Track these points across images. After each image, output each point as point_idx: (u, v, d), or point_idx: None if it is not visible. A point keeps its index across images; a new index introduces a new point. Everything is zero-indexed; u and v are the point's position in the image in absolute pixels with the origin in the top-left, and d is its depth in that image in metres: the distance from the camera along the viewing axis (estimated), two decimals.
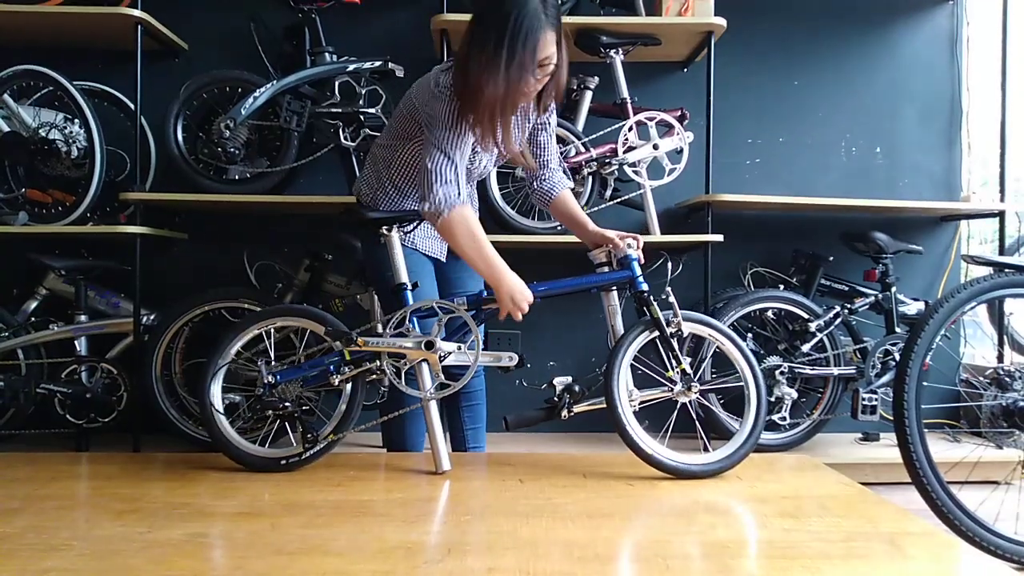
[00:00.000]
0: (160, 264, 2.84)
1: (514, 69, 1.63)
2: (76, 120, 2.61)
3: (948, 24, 3.06)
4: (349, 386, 1.83)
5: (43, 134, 2.59)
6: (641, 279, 1.87)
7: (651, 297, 1.85)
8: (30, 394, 2.52)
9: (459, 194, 1.75)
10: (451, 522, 1.44)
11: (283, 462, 1.81)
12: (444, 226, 1.75)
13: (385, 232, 1.86)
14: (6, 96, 2.60)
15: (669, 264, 1.90)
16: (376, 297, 2.35)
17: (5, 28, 2.65)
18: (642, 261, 1.90)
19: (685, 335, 1.86)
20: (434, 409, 1.82)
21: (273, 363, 1.85)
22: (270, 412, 1.81)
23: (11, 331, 2.56)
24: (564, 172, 2.12)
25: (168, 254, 2.89)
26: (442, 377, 1.79)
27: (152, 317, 2.62)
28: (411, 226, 1.92)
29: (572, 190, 2.11)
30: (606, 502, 1.58)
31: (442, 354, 1.77)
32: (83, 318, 2.60)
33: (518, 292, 1.78)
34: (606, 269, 1.93)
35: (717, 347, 1.90)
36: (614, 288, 1.91)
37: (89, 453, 2.50)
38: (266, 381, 1.81)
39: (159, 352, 2.56)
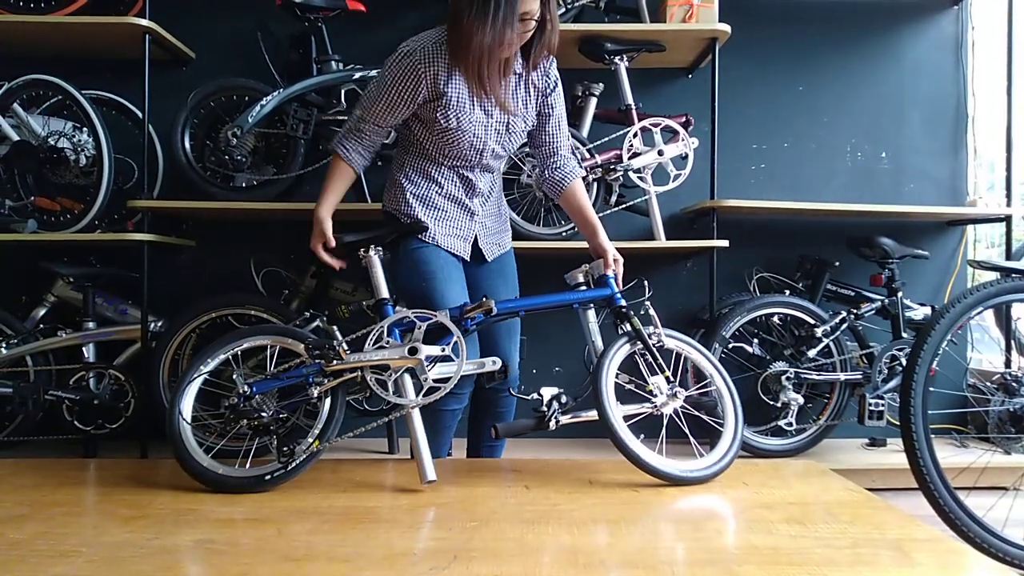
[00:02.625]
0: (167, 271, 2.86)
1: (499, 20, 1.75)
2: (85, 129, 2.63)
3: (953, 29, 3.06)
4: (329, 397, 1.80)
5: (52, 143, 2.61)
6: (619, 296, 1.92)
7: (630, 312, 1.88)
8: (39, 400, 2.53)
9: (348, 147, 1.96)
10: (457, 528, 1.45)
11: (267, 477, 1.72)
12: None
13: (362, 254, 1.90)
14: (16, 105, 2.62)
15: (646, 283, 1.97)
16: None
17: (14, 38, 2.68)
18: (620, 281, 1.95)
19: (665, 346, 1.89)
20: (417, 418, 1.81)
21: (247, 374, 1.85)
22: (243, 422, 1.75)
23: (20, 338, 2.58)
24: (577, 162, 2.11)
25: (175, 261, 2.91)
26: (430, 381, 1.76)
27: (159, 324, 2.64)
28: (383, 247, 1.93)
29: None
30: (612, 508, 1.58)
31: (426, 358, 1.77)
32: (91, 325, 2.61)
33: (315, 227, 1.92)
34: (583, 288, 1.96)
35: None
36: (592, 306, 1.94)
37: (97, 459, 2.52)
38: (241, 391, 1.76)
39: (166, 359, 2.57)
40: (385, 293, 1.88)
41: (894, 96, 3.06)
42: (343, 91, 2.64)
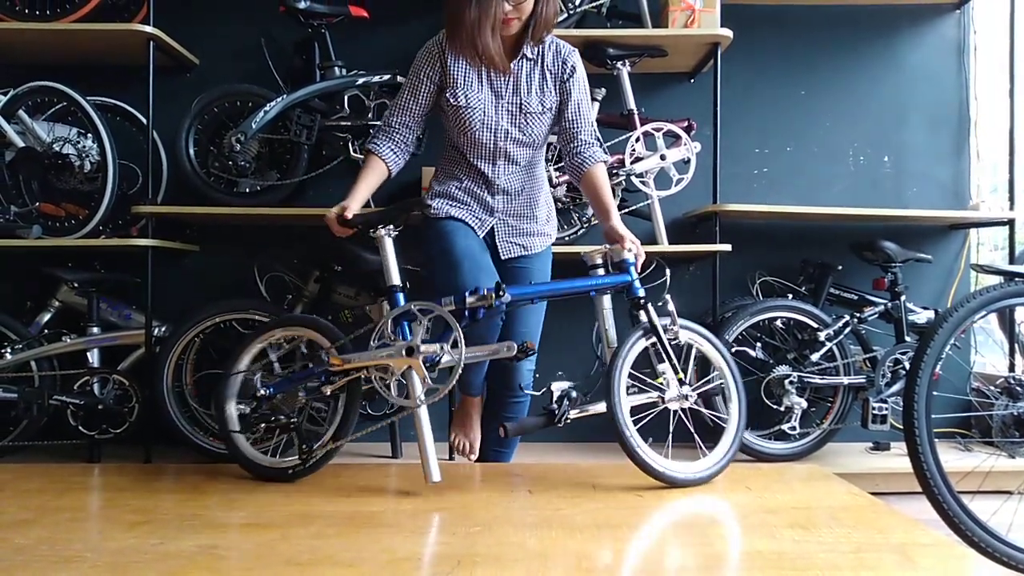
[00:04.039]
0: (171, 276, 2.87)
1: None
2: (89, 135, 2.64)
3: (955, 32, 3.06)
4: (344, 394, 1.83)
5: (57, 149, 2.62)
6: (638, 284, 1.86)
7: (648, 303, 1.84)
8: (43, 405, 2.54)
9: (378, 142, 2.03)
10: (460, 533, 1.45)
11: (290, 471, 1.83)
12: None
13: (372, 234, 1.89)
14: (21, 112, 2.63)
15: (667, 270, 1.91)
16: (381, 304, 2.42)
17: (20, 45, 2.69)
18: (639, 267, 1.89)
19: (682, 343, 1.86)
20: (424, 416, 1.79)
21: (262, 375, 1.87)
22: (264, 425, 1.83)
23: (25, 343, 2.59)
24: (601, 147, 2.10)
25: (179, 266, 2.92)
26: (429, 382, 1.76)
27: (163, 329, 2.64)
28: (397, 227, 1.92)
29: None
30: (615, 513, 1.58)
31: (429, 357, 1.74)
32: (95, 330, 2.62)
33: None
34: (600, 272, 1.92)
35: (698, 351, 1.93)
36: (609, 291, 1.91)
37: (101, 464, 2.52)
38: (259, 394, 1.82)
39: (170, 363, 2.58)
40: (396, 279, 1.85)
41: (896, 100, 3.06)
42: (346, 97, 2.65)
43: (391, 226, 1.90)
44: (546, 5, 1.92)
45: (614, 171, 2.61)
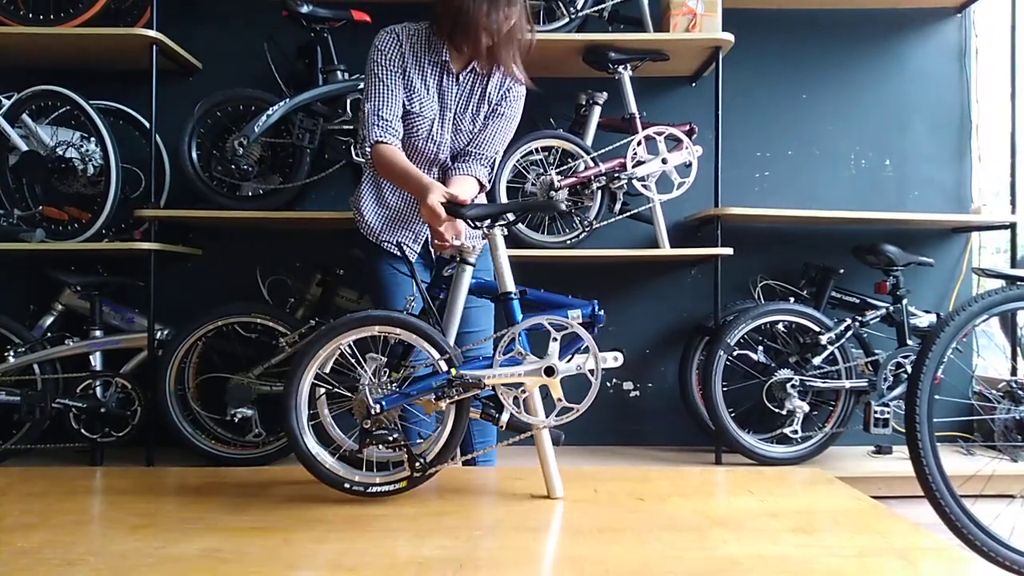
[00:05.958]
0: (174, 280, 2.87)
1: None
2: (92, 139, 2.65)
3: (956, 36, 3.07)
4: (454, 409, 1.64)
5: (60, 152, 2.63)
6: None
7: None
8: (46, 409, 2.55)
9: (382, 136, 1.87)
10: (462, 537, 1.45)
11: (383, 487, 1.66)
12: (373, 160, 1.90)
13: (484, 229, 1.67)
14: (25, 115, 2.64)
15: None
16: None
17: (23, 49, 2.70)
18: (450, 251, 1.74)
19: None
20: (546, 436, 1.70)
21: (377, 386, 1.63)
22: (381, 446, 1.62)
23: (28, 346, 2.60)
24: (488, 170, 1.99)
25: (182, 270, 2.92)
26: (564, 401, 1.62)
27: (166, 332, 2.65)
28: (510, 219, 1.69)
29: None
30: (617, 517, 1.58)
31: (564, 377, 1.61)
32: (98, 333, 2.63)
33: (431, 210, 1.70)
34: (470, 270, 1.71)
35: None
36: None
37: (104, 467, 2.53)
38: (372, 411, 1.61)
39: (173, 367, 2.58)
40: (510, 284, 1.67)
41: (898, 103, 3.06)
42: (348, 101, 2.66)
43: (507, 221, 1.68)
44: (523, 28, 1.88)
45: (616, 175, 2.62)
